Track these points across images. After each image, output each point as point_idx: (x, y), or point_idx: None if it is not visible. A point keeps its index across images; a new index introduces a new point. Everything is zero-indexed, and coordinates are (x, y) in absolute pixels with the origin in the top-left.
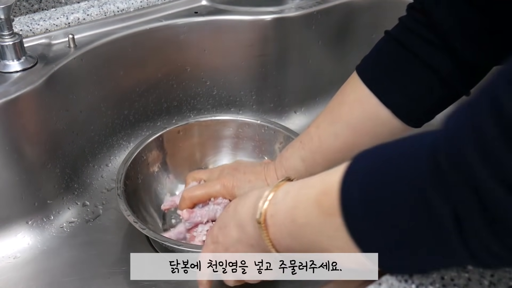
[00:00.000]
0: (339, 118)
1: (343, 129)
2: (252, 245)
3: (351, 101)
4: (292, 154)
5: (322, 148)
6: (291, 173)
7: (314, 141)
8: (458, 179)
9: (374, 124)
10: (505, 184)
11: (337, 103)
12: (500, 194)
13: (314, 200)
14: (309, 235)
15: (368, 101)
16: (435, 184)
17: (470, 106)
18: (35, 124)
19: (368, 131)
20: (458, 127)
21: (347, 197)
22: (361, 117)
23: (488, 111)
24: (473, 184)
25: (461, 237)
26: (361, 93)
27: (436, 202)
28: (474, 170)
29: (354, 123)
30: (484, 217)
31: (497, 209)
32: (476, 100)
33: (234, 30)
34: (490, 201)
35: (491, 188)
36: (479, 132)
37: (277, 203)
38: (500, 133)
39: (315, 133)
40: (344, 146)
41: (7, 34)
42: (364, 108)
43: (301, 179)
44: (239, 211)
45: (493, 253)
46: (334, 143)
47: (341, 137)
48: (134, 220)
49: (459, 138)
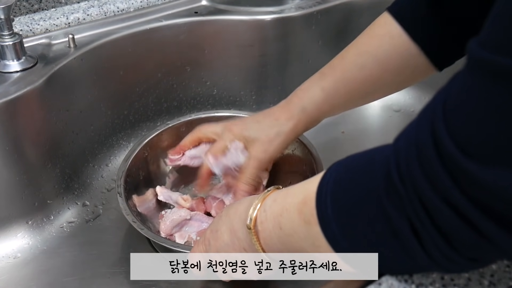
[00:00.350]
0: (367, 50)
1: (369, 61)
2: (245, 248)
3: (381, 35)
4: (311, 85)
5: (344, 78)
6: (307, 103)
7: (337, 71)
8: (408, 194)
9: (401, 60)
10: (446, 200)
11: (366, 37)
12: (442, 208)
13: (296, 209)
14: (296, 241)
15: (399, 37)
16: (391, 198)
17: (415, 125)
18: (35, 124)
19: (394, 67)
20: (405, 145)
21: (322, 207)
22: (389, 52)
23: (429, 132)
24: (420, 199)
25: (422, 247)
26: (392, 29)
27: (394, 214)
28: (421, 186)
29: (381, 56)
30: (436, 229)
31: (444, 223)
32: (420, 119)
33: (234, 30)
34: (435, 215)
35: (436, 204)
36: (422, 152)
37: (266, 210)
38: (438, 155)
39: (339, 64)
40: (369, 78)
41: (7, 34)
42: (394, 43)
43: (318, 112)
44: (231, 216)
45: (453, 261)
46: (359, 74)
47: (367, 69)
48: (133, 219)
49: (407, 156)
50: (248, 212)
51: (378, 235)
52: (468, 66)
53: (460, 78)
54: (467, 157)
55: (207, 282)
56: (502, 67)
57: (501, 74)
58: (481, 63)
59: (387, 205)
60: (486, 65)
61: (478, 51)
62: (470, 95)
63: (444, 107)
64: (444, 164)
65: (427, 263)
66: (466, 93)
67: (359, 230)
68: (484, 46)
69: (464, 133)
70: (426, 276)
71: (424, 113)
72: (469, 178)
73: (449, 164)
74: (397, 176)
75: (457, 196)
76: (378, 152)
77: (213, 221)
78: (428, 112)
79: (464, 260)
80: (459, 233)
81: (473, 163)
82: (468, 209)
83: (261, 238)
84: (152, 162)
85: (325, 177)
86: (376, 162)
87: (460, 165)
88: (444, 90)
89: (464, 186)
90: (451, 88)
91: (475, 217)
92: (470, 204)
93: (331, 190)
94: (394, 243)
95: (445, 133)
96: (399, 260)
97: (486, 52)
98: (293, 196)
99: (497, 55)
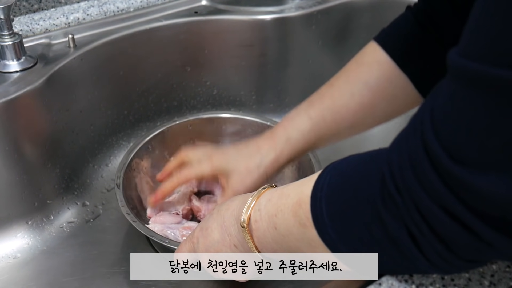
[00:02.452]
0: (357, 77)
1: (360, 89)
2: (236, 245)
3: (370, 62)
4: (298, 113)
5: (334, 106)
6: (293, 132)
7: (326, 100)
8: (405, 203)
9: (392, 86)
10: (443, 208)
11: (354, 65)
12: (441, 216)
13: (291, 211)
14: (291, 242)
15: (388, 64)
16: (387, 206)
17: (406, 136)
18: (35, 124)
19: (386, 94)
20: (398, 156)
21: (317, 212)
22: (380, 78)
23: (420, 143)
24: (417, 208)
25: (420, 251)
26: (380, 56)
27: (391, 221)
28: (418, 196)
29: (372, 83)
30: (435, 235)
31: (443, 229)
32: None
33: (234, 30)
34: (434, 222)
35: (434, 212)
36: (415, 163)
37: (260, 210)
38: (431, 165)
39: (327, 91)
40: (359, 106)
41: (7, 34)
42: (384, 70)
43: (303, 141)
44: (222, 213)
45: (452, 264)
46: (349, 102)
47: (357, 96)
48: (127, 211)
49: (400, 168)
50: (242, 210)
51: (375, 240)
52: (450, 75)
53: (444, 87)
54: (459, 165)
55: (207, 282)
56: (481, 74)
57: (481, 81)
58: (461, 71)
59: (383, 213)
60: (466, 74)
61: (458, 60)
62: (454, 103)
63: (431, 116)
64: (438, 173)
65: (426, 266)
66: (451, 102)
67: (356, 235)
68: (463, 55)
69: (454, 142)
70: (426, 276)
71: (413, 123)
72: (462, 185)
73: (443, 173)
74: (393, 185)
75: (454, 203)
76: (373, 159)
77: (203, 220)
78: (417, 122)
79: (463, 262)
80: (458, 239)
81: (465, 170)
82: (465, 216)
83: (255, 237)
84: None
85: (319, 181)
86: (371, 171)
87: (453, 173)
88: (430, 99)
89: (459, 193)
90: (437, 97)
91: (473, 223)
92: (466, 211)
93: (326, 195)
94: (392, 248)
95: (436, 143)
96: (398, 263)
97: (465, 61)
98: (287, 197)
99: (476, 63)
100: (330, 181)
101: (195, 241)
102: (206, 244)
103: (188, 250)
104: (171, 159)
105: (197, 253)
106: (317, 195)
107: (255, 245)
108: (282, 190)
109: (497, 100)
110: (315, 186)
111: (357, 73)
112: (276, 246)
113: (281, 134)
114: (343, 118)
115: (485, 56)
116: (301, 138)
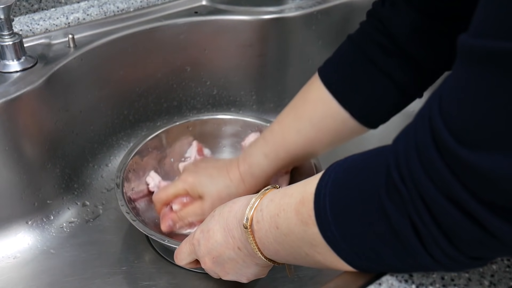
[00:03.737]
0: (303, 115)
1: (306, 126)
2: (239, 248)
3: (314, 100)
4: (255, 151)
5: (284, 143)
6: (255, 169)
7: (277, 137)
8: (410, 193)
9: (335, 122)
10: (449, 197)
11: (301, 101)
12: (446, 206)
13: (294, 209)
14: (293, 241)
15: (330, 102)
16: (391, 198)
17: (413, 125)
18: (35, 124)
19: (329, 128)
20: (405, 145)
21: (320, 208)
22: (323, 116)
23: (427, 129)
24: (422, 198)
25: (422, 246)
26: (323, 94)
27: (394, 213)
28: (423, 185)
29: (316, 120)
30: (438, 227)
31: (446, 220)
32: (418, 118)
33: (234, 30)
34: (439, 213)
35: (439, 202)
36: (422, 151)
37: (262, 210)
38: (438, 152)
39: (278, 129)
40: (306, 141)
41: (7, 34)
42: (326, 107)
43: (265, 175)
44: (225, 215)
45: (454, 260)
46: (296, 139)
47: (303, 133)
48: (127, 210)
49: (407, 156)
50: (245, 211)
51: (378, 236)
52: (459, 59)
53: (453, 72)
54: (466, 148)
55: (207, 282)
56: (489, 49)
57: (489, 57)
58: (468, 50)
59: (387, 206)
60: (475, 52)
61: (468, 40)
62: (462, 84)
63: (440, 103)
64: (444, 160)
65: (428, 262)
66: (460, 85)
67: (359, 231)
68: (473, 35)
69: (460, 124)
70: (426, 276)
71: (422, 111)
72: (469, 169)
73: (449, 159)
74: (398, 176)
75: (460, 191)
76: (377, 154)
77: (204, 222)
78: (425, 110)
79: (465, 259)
80: (462, 230)
81: (472, 152)
82: (471, 204)
83: (257, 238)
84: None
85: (324, 179)
86: (375, 164)
87: (459, 156)
88: (439, 87)
89: (465, 180)
90: (445, 84)
91: (479, 212)
92: (472, 199)
93: (330, 192)
94: (395, 243)
95: (443, 126)
96: (400, 260)
97: (474, 40)
98: (290, 197)
99: (484, 39)
100: (334, 177)
101: (196, 243)
102: (208, 247)
103: (188, 252)
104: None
105: (198, 255)
106: (321, 192)
107: (258, 246)
108: (285, 190)
109: (505, 76)
110: (319, 184)
111: (303, 110)
112: (278, 247)
113: (246, 171)
114: (294, 152)
115: (494, 33)
116: (262, 173)
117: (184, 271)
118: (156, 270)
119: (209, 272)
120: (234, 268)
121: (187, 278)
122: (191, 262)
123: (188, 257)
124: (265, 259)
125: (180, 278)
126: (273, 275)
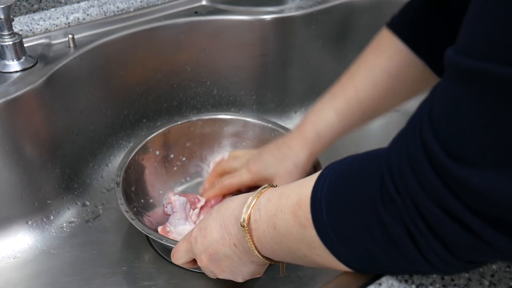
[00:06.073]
0: (377, 67)
1: (383, 77)
2: (235, 244)
3: (388, 50)
4: (323, 107)
5: (358, 96)
6: (322, 128)
7: (349, 91)
8: (404, 203)
9: (411, 72)
10: (443, 208)
11: (373, 54)
12: (440, 216)
13: (291, 211)
14: (291, 242)
15: (404, 51)
16: (387, 206)
17: (404, 136)
18: (35, 124)
19: (407, 79)
20: (397, 157)
21: (317, 212)
22: (399, 65)
23: (419, 143)
24: (417, 208)
25: (419, 252)
26: (397, 45)
27: (391, 222)
28: (417, 196)
29: (394, 71)
30: (434, 236)
31: (441, 229)
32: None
33: (234, 30)
34: (434, 223)
35: (433, 212)
36: (414, 163)
37: (260, 209)
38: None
39: (349, 83)
40: (383, 93)
41: (7, 34)
42: (402, 56)
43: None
44: (222, 213)
45: (451, 265)
46: (372, 91)
47: (380, 84)
48: (126, 209)
49: (400, 168)
50: (242, 209)
51: (375, 241)
52: (448, 73)
53: (442, 86)
54: (457, 163)
55: (207, 282)
56: (479, 71)
57: (479, 78)
58: (459, 69)
59: (383, 213)
60: (464, 71)
61: (456, 58)
62: (452, 101)
63: (430, 115)
64: (437, 172)
65: (425, 267)
66: (449, 100)
67: (356, 237)
68: (461, 52)
69: (452, 140)
70: (426, 276)
71: (412, 123)
72: (461, 184)
73: (442, 172)
74: (392, 186)
75: (453, 203)
76: (371, 158)
77: (202, 220)
78: (416, 121)
79: (462, 263)
80: (457, 239)
81: (463, 168)
82: (464, 215)
83: (255, 237)
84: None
85: (319, 182)
86: (369, 170)
87: (452, 172)
88: (428, 98)
89: (458, 193)
90: (435, 96)
91: (472, 222)
92: (466, 210)
93: (326, 196)
94: (392, 249)
95: (434, 141)
96: (398, 264)
97: (463, 58)
98: (287, 198)
99: (474, 60)
100: (330, 181)
101: (193, 241)
102: (204, 244)
103: (185, 250)
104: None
105: (195, 253)
106: (317, 196)
107: (255, 245)
108: (282, 190)
109: (495, 97)
110: (315, 187)
111: (377, 63)
112: (275, 246)
113: (311, 131)
114: (368, 106)
115: (484, 53)
116: (330, 132)
117: (184, 270)
118: (156, 270)
119: (205, 271)
120: (229, 266)
121: (187, 277)
122: (189, 262)
123: (185, 255)
124: (261, 257)
125: (180, 278)
126: (273, 275)
